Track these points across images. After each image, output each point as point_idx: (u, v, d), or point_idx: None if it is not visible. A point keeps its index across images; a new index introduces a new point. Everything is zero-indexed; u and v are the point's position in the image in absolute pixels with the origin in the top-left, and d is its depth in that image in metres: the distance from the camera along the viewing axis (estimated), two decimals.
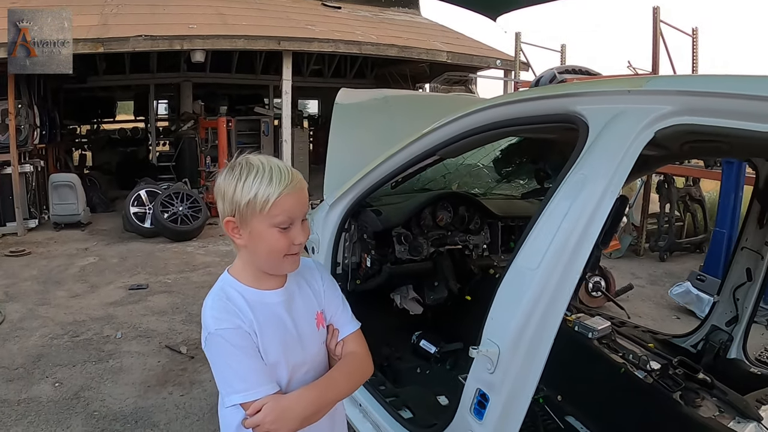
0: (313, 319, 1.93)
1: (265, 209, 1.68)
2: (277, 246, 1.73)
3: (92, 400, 4.64)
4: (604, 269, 7.09)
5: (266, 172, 1.71)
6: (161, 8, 14.43)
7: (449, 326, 4.13)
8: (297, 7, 16.92)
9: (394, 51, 14.39)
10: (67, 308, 6.83)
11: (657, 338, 3.80)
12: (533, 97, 2.36)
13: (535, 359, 1.90)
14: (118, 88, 18.60)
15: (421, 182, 4.24)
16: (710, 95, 1.76)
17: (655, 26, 9.89)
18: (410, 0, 20.04)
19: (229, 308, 1.74)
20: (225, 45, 13.14)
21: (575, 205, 1.88)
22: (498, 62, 15.47)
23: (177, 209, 10.56)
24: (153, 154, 18.05)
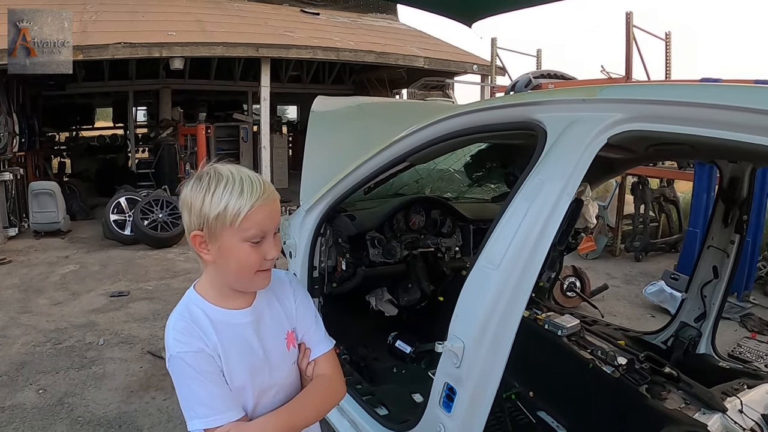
0: (283, 339, 1.83)
1: (236, 223, 1.59)
2: (249, 262, 1.64)
3: (76, 406, 4.67)
4: (578, 269, 7.20)
5: (236, 183, 1.62)
6: (140, 15, 14.41)
7: (424, 327, 4.20)
8: (276, 13, 16.95)
9: (371, 57, 14.47)
10: (49, 316, 6.83)
11: (628, 335, 3.87)
12: (497, 106, 2.47)
13: (498, 353, 1.99)
14: (97, 95, 18.51)
15: (394, 187, 4.32)
16: (656, 103, 1.87)
17: (628, 31, 10.01)
18: (388, 6, 20.08)
19: (191, 330, 1.65)
20: (204, 52, 13.18)
21: (533, 207, 1.98)
22: (474, 67, 15.60)
23: (157, 216, 10.56)
24: (132, 161, 17.98)
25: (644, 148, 2.46)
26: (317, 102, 4.28)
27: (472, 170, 4.46)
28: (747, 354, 5.90)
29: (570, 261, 7.67)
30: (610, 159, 3.14)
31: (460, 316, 2.10)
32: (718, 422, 2.62)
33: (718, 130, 1.68)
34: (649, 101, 1.91)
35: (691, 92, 1.83)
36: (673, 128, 1.82)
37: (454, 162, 4.42)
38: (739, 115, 1.63)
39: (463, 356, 2.03)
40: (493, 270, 2.01)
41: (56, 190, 11.37)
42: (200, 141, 13.05)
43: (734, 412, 2.68)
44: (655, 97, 1.91)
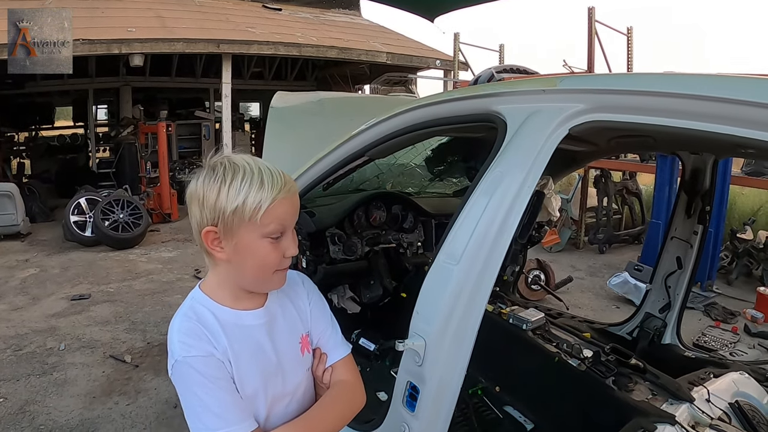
0: (297, 343, 1.72)
1: (256, 217, 1.48)
2: (268, 260, 1.54)
3: (38, 414, 4.59)
4: (543, 263, 7.23)
5: (255, 174, 1.50)
6: (99, 11, 14.20)
7: (387, 323, 4.16)
8: (237, 9, 16.84)
9: (334, 52, 14.43)
10: (8, 321, 6.70)
11: (594, 327, 3.88)
12: (457, 98, 2.44)
13: (461, 350, 1.96)
14: (56, 93, 18.23)
15: (355, 183, 4.29)
16: (617, 93, 1.85)
17: (590, 26, 10.10)
18: (351, 1, 20.08)
19: (199, 332, 1.51)
20: (164, 48, 13.01)
21: (493, 201, 1.95)
22: (437, 62, 15.62)
23: (118, 217, 10.42)
24: (93, 160, 17.77)
25: (606, 141, 2.44)
26: (277, 97, 4.24)
27: (433, 164, 4.44)
28: (712, 343, 5.98)
29: (534, 254, 7.73)
30: (573, 152, 3.14)
31: (420, 313, 2.06)
32: (686, 412, 2.61)
33: (680, 120, 1.66)
34: (610, 91, 1.89)
35: (651, 82, 1.81)
36: (634, 118, 1.79)
37: (415, 156, 4.39)
38: (699, 104, 1.61)
39: (425, 354, 2.00)
40: (453, 265, 1.98)
41: (15, 192, 11.16)
42: (161, 139, 12.91)
43: (701, 401, 2.68)
44: (616, 87, 1.89)
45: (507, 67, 10.51)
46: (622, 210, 10.70)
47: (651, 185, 10.09)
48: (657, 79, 1.80)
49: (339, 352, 1.83)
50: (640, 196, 10.68)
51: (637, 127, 1.82)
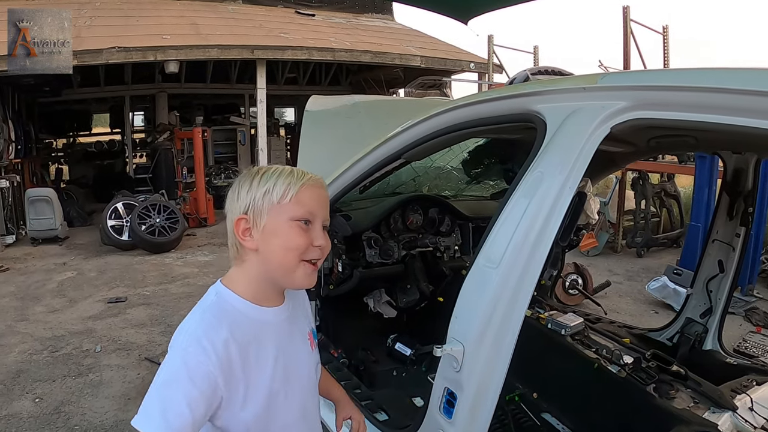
0: (306, 340, 1.76)
1: (284, 200, 1.52)
2: (295, 243, 1.53)
3: (73, 415, 4.62)
4: (580, 267, 7.14)
5: (286, 168, 1.60)
6: (134, 20, 14.39)
7: (423, 328, 4.14)
8: (271, 15, 16.92)
9: (368, 57, 14.42)
10: (45, 323, 6.78)
11: (633, 333, 3.80)
12: (494, 98, 2.38)
13: (500, 355, 1.91)
14: (93, 100, 18.48)
15: (391, 186, 4.26)
16: (662, 89, 1.79)
17: (626, 25, 9.98)
18: (384, 6, 20.06)
19: (210, 332, 1.45)
20: (199, 55, 13.13)
21: (533, 203, 1.89)
22: (471, 65, 15.53)
23: (154, 221, 10.50)
24: (130, 166, 17.96)
25: (645, 141, 2.37)
26: (311, 101, 4.23)
27: (470, 167, 4.39)
28: (753, 349, 5.84)
29: (571, 258, 7.63)
30: (611, 153, 3.07)
31: (459, 318, 2.01)
32: (729, 421, 2.56)
33: (725, 116, 1.59)
34: (653, 87, 1.82)
35: (696, 77, 1.74)
36: (679, 115, 1.73)
37: (452, 159, 4.35)
38: (750, 100, 1.54)
39: (463, 360, 1.95)
40: (492, 269, 1.93)
41: (53, 197, 11.36)
42: (197, 145, 13.01)
43: (744, 410, 2.62)
44: (659, 83, 1.83)
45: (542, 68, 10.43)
46: (661, 213, 10.54)
47: (689, 187, 9.96)
48: (703, 74, 1.73)
49: None
50: (678, 198, 10.53)
51: (681, 124, 1.76)
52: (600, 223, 9.77)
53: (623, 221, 10.17)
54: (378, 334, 4.21)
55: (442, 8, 5.69)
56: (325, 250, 1.61)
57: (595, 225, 8.41)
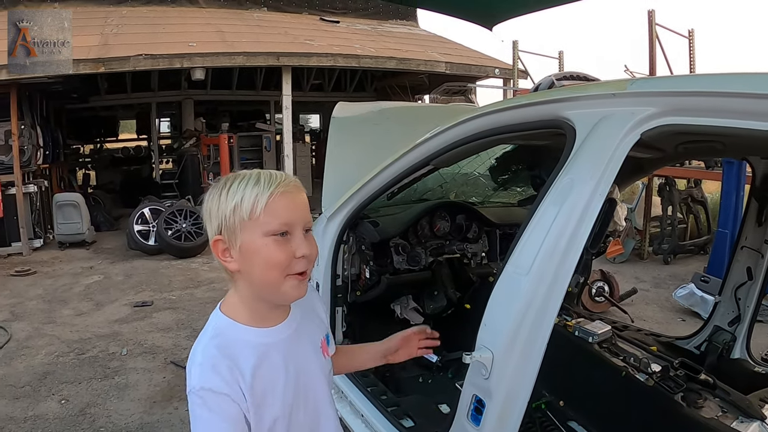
0: (319, 348, 1.70)
1: (255, 214, 1.44)
2: (275, 258, 1.45)
3: (98, 417, 4.67)
4: (607, 274, 7.09)
5: (253, 176, 1.49)
6: (161, 27, 14.52)
7: (450, 335, 4.12)
8: (296, 22, 17.00)
9: (392, 63, 14.43)
10: (72, 326, 6.86)
11: (660, 341, 3.77)
12: (523, 104, 2.37)
13: (529, 363, 1.90)
14: (120, 107, 18.70)
15: (418, 192, 4.26)
16: (693, 94, 1.77)
17: (651, 29, 9.89)
18: (408, 12, 20.10)
19: (218, 366, 1.44)
20: (225, 62, 13.21)
21: (563, 209, 1.88)
22: (496, 71, 15.48)
23: (180, 226, 10.57)
24: (156, 171, 18.17)
25: (673, 147, 2.35)
26: (338, 108, 4.23)
27: (497, 173, 4.37)
28: None
29: (598, 265, 7.58)
30: (639, 159, 3.05)
31: (488, 326, 2.01)
32: (757, 431, 2.53)
33: (756, 121, 1.57)
34: (684, 93, 1.81)
35: (727, 82, 1.72)
36: (709, 121, 1.71)
37: (479, 165, 4.34)
38: None
39: (492, 367, 1.94)
40: (522, 276, 1.92)
41: (80, 202, 11.47)
42: (223, 151, 13.09)
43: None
44: (690, 89, 1.81)
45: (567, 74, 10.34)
46: (687, 219, 10.42)
47: (716, 193, 9.83)
48: (736, 79, 1.72)
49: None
50: (705, 204, 10.41)
51: (711, 130, 1.74)
52: (626, 230, 9.70)
53: (650, 228, 10.07)
54: None
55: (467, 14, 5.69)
56: (312, 257, 1.54)
57: (621, 232, 8.35)
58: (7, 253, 10.93)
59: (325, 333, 1.77)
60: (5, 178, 10.88)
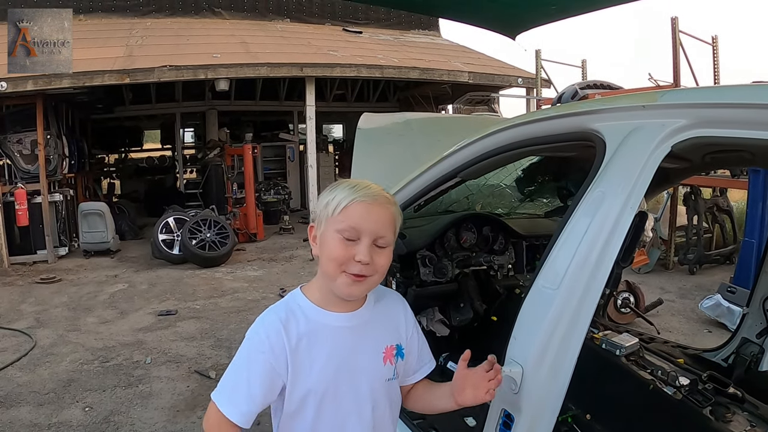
0: (380, 352, 1.81)
1: (335, 212, 1.63)
2: (335, 253, 1.63)
3: (122, 425, 4.69)
4: (632, 285, 7.03)
5: (352, 183, 1.70)
6: (185, 39, 14.66)
7: (476, 347, 4.10)
8: (319, 33, 17.10)
9: (416, 73, 14.44)
10: (97, 334, 6.91)
11: (687, 353, 3.72)
12: (551, 116, 2.36)
13: (558, 378, 1.89)
14: (144, 117, 18.88)
15: (444, 204, 4.23)
16: (724, 106, 1.75)
17: (674, 37, 9.81)
18: (430, 22, 20.14)
19: (273, 332, 1.66)
20: (248, 73, 13.30)
21: (594, 223, 1.87)
22: (519, 80, 15.44)
23: (205, 236, 10.62)
24: (180, 181, 18.28)
25: (701, 157, 2.33)
26: (363, 119, 4.23)
27: (523, 185, 4.35)
28: None
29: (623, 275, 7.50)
30: (666, 169, 3.02)
31: (518, 339, 1.99)
32: None
33: None
34: (715, 105, 1.78)
35: (759, 93, 1.70)
36: (742, 133, 1.69)
37: (505, 177, 4.31)
38: None
39: (522, 381, 1.93)
40: (552, 290, 1.90)
41: (105, 211, 11.59)
42: (247, 161, 13.14)
43: None
44: (721, 100, 1.79)
45: (590, 82, 10.36)
46: (713, 228, 10.31)
47: (742, 202, 9.74)
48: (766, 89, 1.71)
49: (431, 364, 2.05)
50: (731, 213, 10.29)
51: (743, 142, 1.72)
52: (652, 240, 9.62)
53: (675, 237, 9.98)
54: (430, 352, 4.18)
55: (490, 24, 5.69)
56: (373, 267, 1.66)
57: (647, 242, 8.29)
58: (33, 261, 11.08)
59: (396, 342, 1.86)
60: (31, 187, 11.04)
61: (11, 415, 4.85)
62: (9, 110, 11.34)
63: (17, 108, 11.32)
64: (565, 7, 5.04)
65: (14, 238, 11.19)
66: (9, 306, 8.25)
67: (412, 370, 1.97)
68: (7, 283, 9.78)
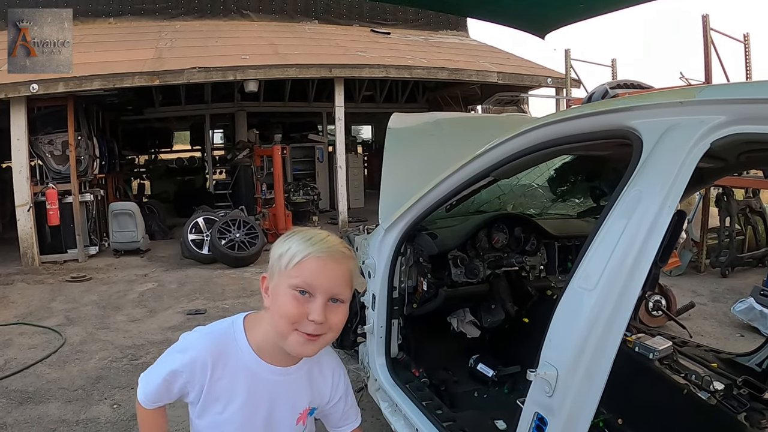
0: (296, 412, 1.82)
1: (288, 266, 1.59)
2: (287, 310, 1.58)
3: None
4: (664, 287, 6.93)
5: (307, 235, 1.65)
6: (213, 41, 14.74)
7: (507, 349, 4.07)
8: (347, 34, 17.11)
9: (444, 74, 14.39)
10: (126, 332, 6.94)
11: (720, 357, 3.66)
12: (586, 114, 2.32)
13: (594, 381, 1.85)
14: (174, 118, 19.01)
15: (475, 204, 4.21)
16: (765, 102, 1.71)
17: (706, 35, 9.67)
18: (458, 22, 20.07)
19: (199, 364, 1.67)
20: (277, 74, 13.35)
21: (632, 223, 1.83)
22: (549, 80, 15.31)
23: (234, 236, 10.64)
24: (210, 182, 18.40)
25: (736, 156, 2.28)
26: (394, 119, 4.22)
27: (556, 184, 4.30)
28: None
29: None
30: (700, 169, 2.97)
31: (553, 342, 1.95)
32: None
33: None
34: (755, 100, 1.74)
35: None
36: None
37: (537, 176, 4.27)
38: None
39: (557, 385, 1.89)
40: (588, 292, 1.86)
41: (136, 211, 11.68)
42: (276, 162, 13.16)
43: None
44: (762, 96, 1.74)
45: (621, 82, 10.21)
46: (746, 230, 10.14)
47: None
48: None
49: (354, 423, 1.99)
50: (764, 215, 10.11)
51: None
52: (684, 242, 9.48)
53: (707, 239, 9.82)
54: (460, 354, 4.17)
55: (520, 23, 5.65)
56: (327, 326, 1.62)
57: (678, 244, 8.17)
58: (63, 260, 11.19)
59: (313, 405, 1.86)
60: (62, 187, 11.16)
61: (40, 411, 4.88)
62: (40, 111, 11.45)
63: (48, 109, 11.45)
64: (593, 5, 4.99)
65: (45, 237, 11.31)
66: (39, 304, 8.32)
67: (335, 425, 1.99)
68: (38, 281, 9.87)
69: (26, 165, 10.95)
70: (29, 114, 11.08)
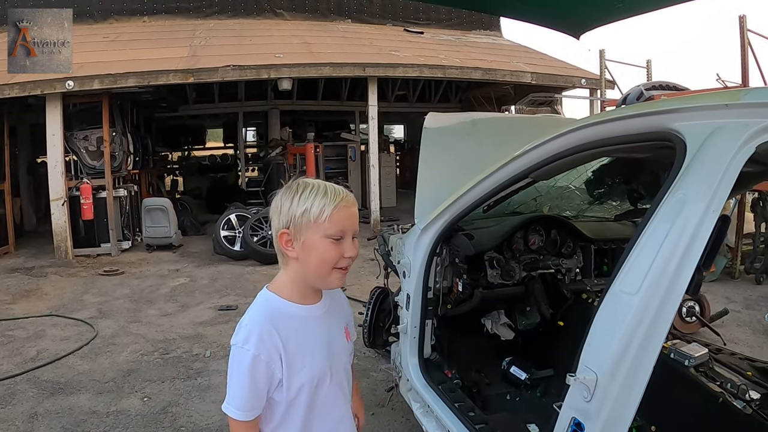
0: (343, 332, 2.05)
1: (320, 219, 1.78)
2: (328, 256, 1.81)
3: (179, 416, 4.73)
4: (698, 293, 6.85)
5: (320, 188, 1.82)
6: (248, 39, 14.84)
7: (540, 352, 4.03)
8: (380, 34, 17.12)
9: (478, 74, 14.31)
10: (157, 326, 7.01)
11: (755, 366, 3.58)
12: (627, 116, 2.28)
13: (633, 388, 1.83)
14: (207, 116, 19.18)
15: (512, 206, 4.18)
16: None
17: (743, 36, 9.51)
18: (492, 22, 20.00)
19: (263, 331, 1.80)
20: (311, 73, 13.39)
21: (675, 227, 1.79)
22: (583, 81, 15.16)
23: (266, 233, 10.65)
24: (242, 179, 18.51)
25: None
26: (429, 118, 4.20)
27: (593, 187, 4.25)
28: None
29: None
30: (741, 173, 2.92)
31: (593, 346, 1.93)
32: None
33: None
34: None
35: None
36: None
37: (575, 179, 4.22)
38: None
39: (596, 390, 1.87)
40: (630, 296, 1.83)
41: (169, 206, 11.81)
42: (309, 160, 13.22)
43: None
44: None
45: (656, 83, 10.08)
46: None
47: None
48: None
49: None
50: None
51: None
52: None
53: (742, 245, 9.67)
54: (493, 356, 4.15)
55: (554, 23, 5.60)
56: (355, 257, 1.88)
57: None
58: (97, 254, 11.37)
59: (347, 322, 2.11)
60: (96, 182, 11.36)
61: (71, 402, 4.94)
62: (75, 108, 11.64)
63: (83, 105, 11.63)
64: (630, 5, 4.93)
65: (79, 231, 11.51)
66: (72, 296, 8.45)
67: None
68: (72, 274, 10.03)
69: (61, 160, 11.15)
70: (65, 110, 11.25)
